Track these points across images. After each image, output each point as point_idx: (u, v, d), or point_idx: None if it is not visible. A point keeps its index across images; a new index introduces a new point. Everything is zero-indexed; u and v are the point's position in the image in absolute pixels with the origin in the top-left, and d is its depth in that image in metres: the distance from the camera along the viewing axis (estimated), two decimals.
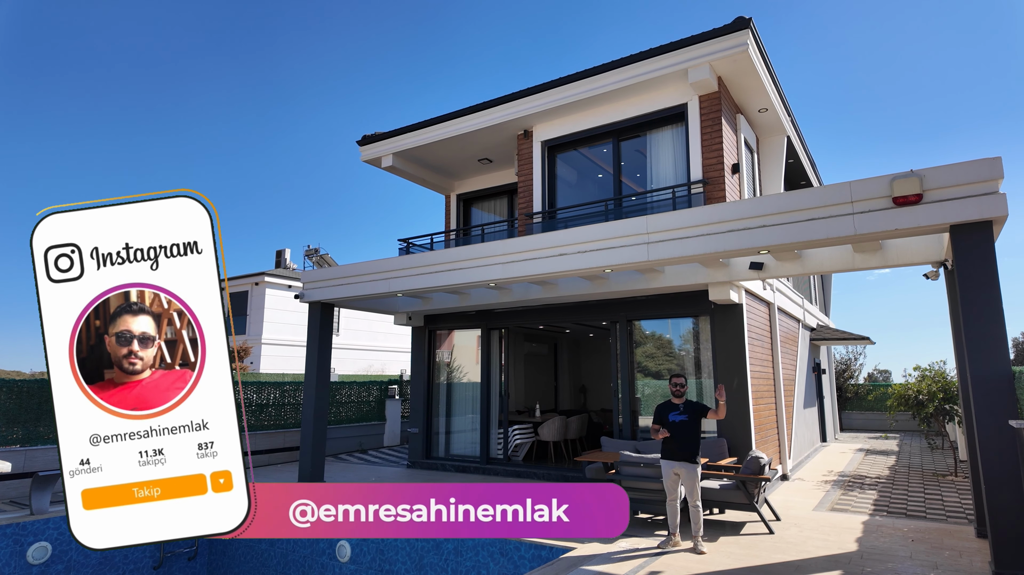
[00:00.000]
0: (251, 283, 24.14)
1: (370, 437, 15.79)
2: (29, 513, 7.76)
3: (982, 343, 5.33)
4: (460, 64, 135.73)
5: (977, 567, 5.55)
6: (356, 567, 7.57)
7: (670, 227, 7.13)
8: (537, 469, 10.55)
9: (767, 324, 10.53)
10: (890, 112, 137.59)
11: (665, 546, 6.25)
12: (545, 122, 10.80)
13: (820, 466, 11.93)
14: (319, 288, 10.31)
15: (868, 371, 27.06)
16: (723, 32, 8.55)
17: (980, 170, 5.49)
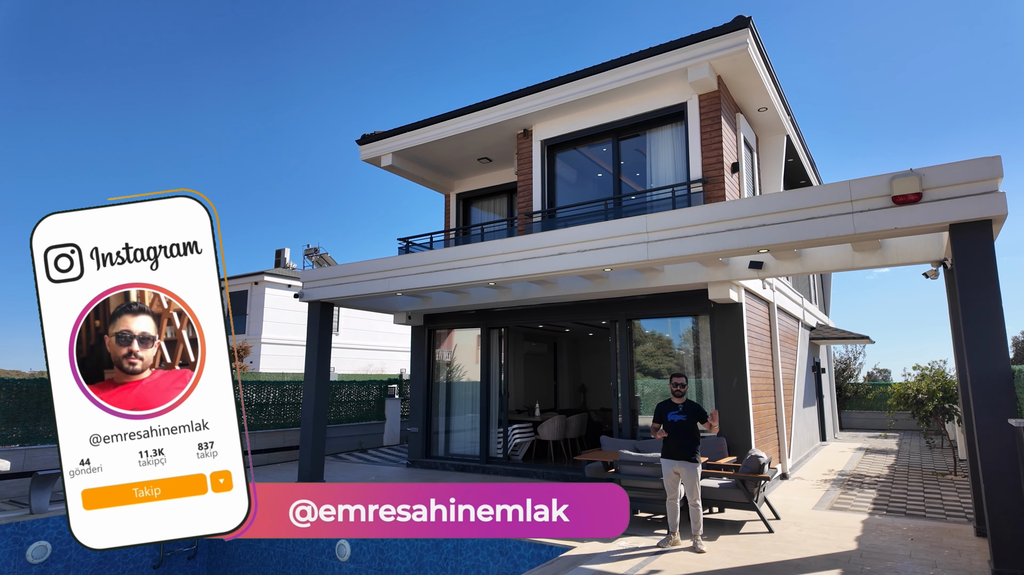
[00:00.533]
0: (251, 282, 24.13)
1: (370, 436, 15.80)
2: (29, 512, 7.77)
3: (981, 342, 5.34)
4: (460, 63, 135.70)
5: (976, 566, 5.55)
6: (356, 566, 7.57)
7: (670, 226, 7.13)
8: (537, 468, 10.56)
9: (767, 323, 10.54)
10: (889, 111, 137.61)
11: (665, 545, 6.25)
12: (545, 121, 10.79)
13: (819, 465, 11.95)
14: (319, 287, 10.31)
15: (868, 370, 27.10)
16: (723, 31, 8.54)
17: (979, 169, 5.49)
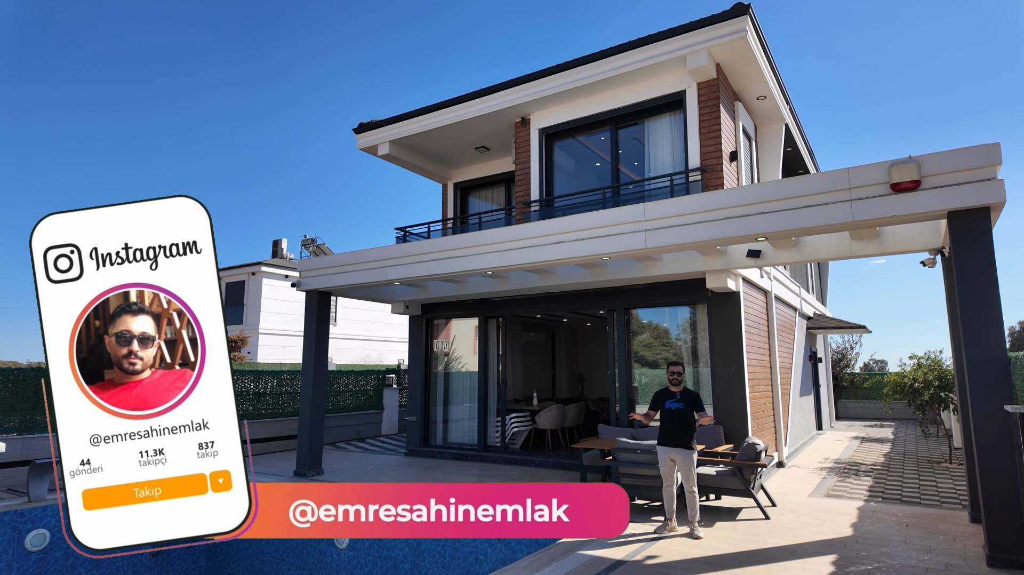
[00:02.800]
0: (247, 273, 24.05)
1: (368, 426, 15.85)
2: (27, 501, 7.78)
3: (978, 328, 5.36)
4: (461, 56, 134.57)
5: (971, 551, 5.62)
6: (354, 553, 7.62)
7: (668, 214, 7.11)
8: (535, 456, 10.61)
9: (764, 312, 10.56)
10: (888, 104, 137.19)
11: (661, 531, 6.30)
12: (543, 109, 10.72)
13: (816, 453, 12.04)
14: (316, 276, 10.28)
15: (864, 360, 27.19)
16: (722, 18, 8.47)
17: (978, 156, 5.48)
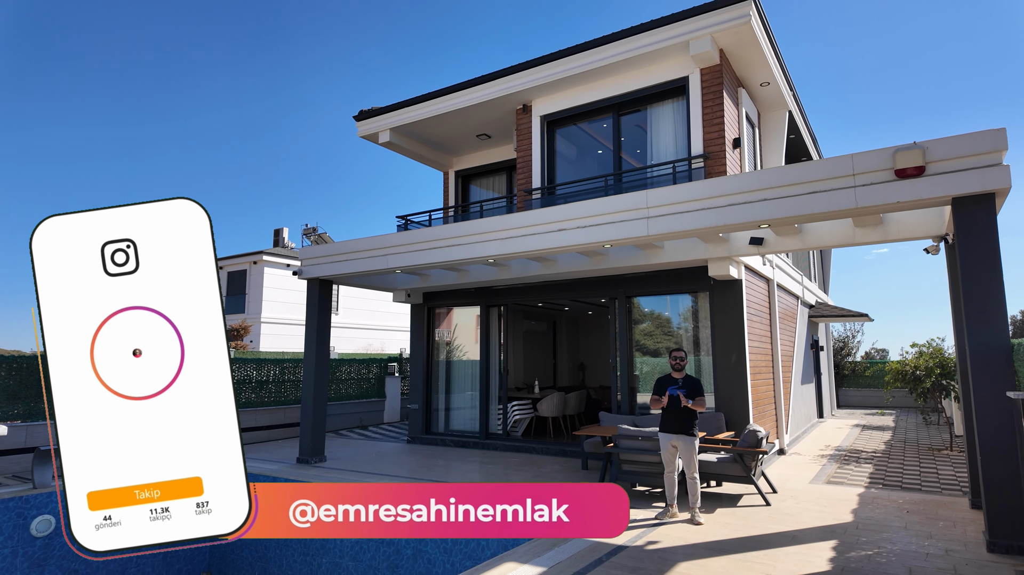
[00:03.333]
0: (249, 262, 24.08)
1: (370, 414, 15.89)
2: (32, 487, 7.83)
3: (982, 315, 5.33)
4: (463, 46, 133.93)
5: (971, 537, 5.62)
6: (357, 538, 7.65)
7: (670, 201, 7.07)
8: (536, 443, 10.63)
9: (766, 300, 10.53)
10: (891, 94, 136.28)
11: (663, 517, 6.31)
12: (544, 96, 10.66)
13: (817, 441, 12.04)
14: (317, 265, 10.28)
15: (866, 349, 27.20)
16: (726, 3, 8.39)
17: (983, 141, 5.43)
